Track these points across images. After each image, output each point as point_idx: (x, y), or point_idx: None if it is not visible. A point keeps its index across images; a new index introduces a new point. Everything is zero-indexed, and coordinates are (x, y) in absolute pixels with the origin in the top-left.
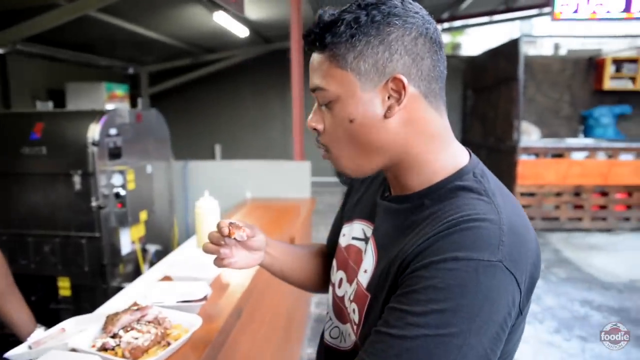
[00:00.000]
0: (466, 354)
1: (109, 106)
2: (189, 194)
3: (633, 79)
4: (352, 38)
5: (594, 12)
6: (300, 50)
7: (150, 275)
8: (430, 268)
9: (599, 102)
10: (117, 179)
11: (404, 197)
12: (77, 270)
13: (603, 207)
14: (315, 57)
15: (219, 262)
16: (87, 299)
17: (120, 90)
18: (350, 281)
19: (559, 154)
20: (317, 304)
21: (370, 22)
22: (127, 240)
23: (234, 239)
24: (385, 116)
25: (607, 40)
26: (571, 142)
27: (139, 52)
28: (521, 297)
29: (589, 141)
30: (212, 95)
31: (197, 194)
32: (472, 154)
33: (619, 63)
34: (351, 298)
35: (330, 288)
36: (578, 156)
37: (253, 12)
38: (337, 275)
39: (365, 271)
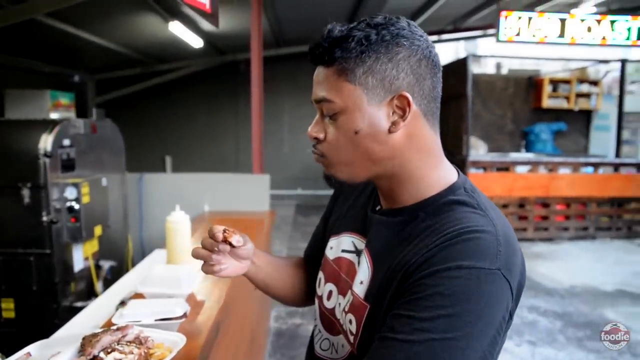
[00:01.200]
0: (469, 356)
1: (54, 115)
2: (144, 207)
3: (567, 98)
4: (362, 54)
5: (534, 36)
6: (260, 62)
7: (112, 293)
8: (436, 276)
9: (539, 119)
10: (70, 192)
11: (397, 210)
12: (24, 289)
13: (545, 217)
14: (322, 70)
15: (209, 268)
16: (34, 321)
17: (65, 99)
18: (343, 293)
19: (504, 168)
20: (276, 317)
21: (380, 41)
22: (80, 257)
23: (229, 243)
24: (390, 130)
25: (544, 62)
26: (515, 156)
27: (87, 60)
28: (512, 302)
29: (530, 156)
30: (163, 106)
31: (153, 207)
32: (459, 171)
33: (555, 83)
34: (346, 309)
35: (317, 301)
36: (522, 170)
37: (208, 23)
38: (325, 287)
39: (362, 282)
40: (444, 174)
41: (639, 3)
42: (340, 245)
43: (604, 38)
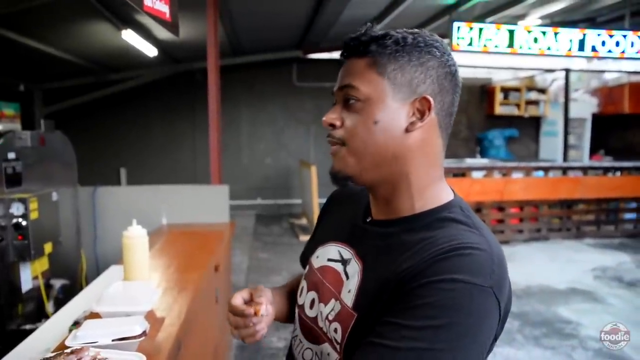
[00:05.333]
0: None
1: None
2: (99, 222)
3: (518, 106)
4: (396, 53)
5: (485, 46)
6: (217, 71)
7: (65, 313)
8: (428, 287)
9: (492, 126)
10: (16, 208)
11: (391, 221)
12: None
13: (500, 221)
14: (353, 60)
15: (254, 340)
16: None
17: (9, 109)
18: (324, 301)
19: (461, 173)
20: None
21: (415, 45)
22: (28, 276)
23: (261, 315)
24: (407, 130)
25: (496, 71)
26: (470, 162)
27: (33, 68)
28: (499, 325)
29: (485, 161)
30: (117, 117)
31: (108, 222)
32: (454, 192)
33: (506, 91)
34: (330, 318)
35: (297, 310)
36: (477, 175)
37: (162, 31)
38: (307, 296)
39: (350, 291)
40: (442, 191)
41: (579, 16)
42: (326, 254)
43: (548, 48)
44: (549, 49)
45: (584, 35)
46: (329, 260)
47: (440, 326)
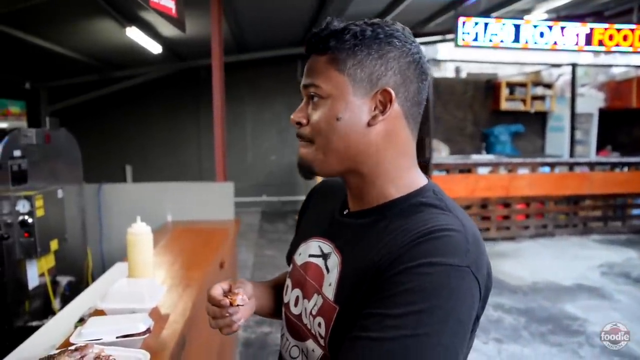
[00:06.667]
0: (440, 353)
1: (2, 124)
2: (104, 219)
3: (524, 101)
4: (354, 47)
5: (491, 41)
6: (221, 69)
7: (71, 310)
8: (406, 273)
9: (497, 121)
10: (22, 206)
11: (366, 212)
12: None
13: (506, 217)
14: (315, 58)
15: (229, 330)
16: None
17: (15, 107)
18: (308, 297)
19: (467, 169)
20: (244, 327)
21: (374, 38)
22: (35, 273)
23: (237, 305)
24: (369, 124)
25: (501, 66)
26: (476, 158)
27: (39, 66)
28: (480, 303)
29: (491, 157)
30: (122, 114)
31: (113, 219)
32: (428, 178)
33: (512, 86)
34: (314, 312)
35: (284, 309)
36: (483, 171)
37: (167, 28)
38: (292, 294)
39: (330, 284)
40: (415, 178)
41: (585, 10)
42: (307, 251)
43: (555, 43)
44: (555, 43)
45: (591, 29)
46: (310, 256)
47: (421, 311)
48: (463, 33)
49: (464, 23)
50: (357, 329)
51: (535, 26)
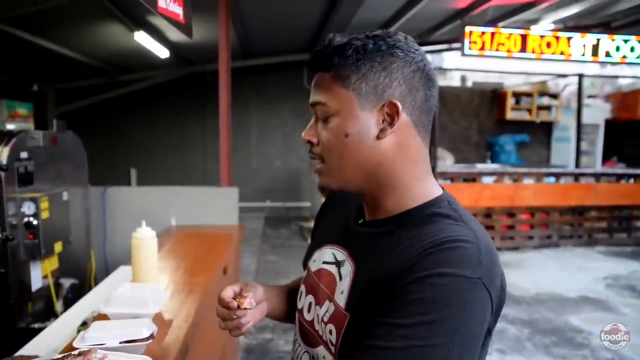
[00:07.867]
0: None
1: (10, 126)
2: (108, 222)
3: (529, 111)
4: (357, 62)
5: (497, 50)
6: (228, 74)
7: (74, 313)
8: (417, 283)
9: (503, 131)
10: (28, 207)
11: (380, 221)
12: None
13: (511, 227)
14: (320, 75)
15: (240, 332)
16: None
17: (23, 109)
18: (320, 303)
19: (471, 179)
20: (246, 333)
21: (376, 50)
22: (38, 275)
23: (245, 308)
24: (378, 137)
25: (507, 75)
26: (481, 167)
27: (47, 69)
28: (492, 317)
29: (496, 166)
30: (129, 117)
31: (118, 222)
32: (443, 188)
33: (517, 96)
34: (325, 319)
35: (297, 315)
36: (488, 180)
37: (175, 33)
38: (305, 300)
39: (342, 292)
40: (429, 187)
41: (593, 21)
42: (322, 257)
43: (562, 53)
44: (562, 53)
45: (598, 40)
46: (324, 262)
47: (432, 321)
48: (469, 42)
49: (470, 32)
50: (367, 337)
51: (542, 36)
